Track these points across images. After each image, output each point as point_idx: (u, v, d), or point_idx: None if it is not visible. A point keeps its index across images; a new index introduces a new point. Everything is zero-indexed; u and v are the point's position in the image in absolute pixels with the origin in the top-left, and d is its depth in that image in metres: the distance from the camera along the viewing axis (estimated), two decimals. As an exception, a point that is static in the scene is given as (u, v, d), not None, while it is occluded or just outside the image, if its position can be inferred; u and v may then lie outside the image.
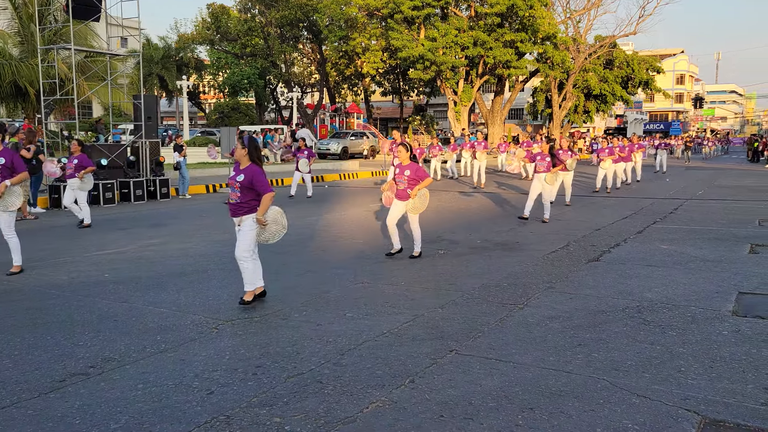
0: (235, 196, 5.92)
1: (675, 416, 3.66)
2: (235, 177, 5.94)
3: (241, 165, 5.99)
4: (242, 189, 5.85)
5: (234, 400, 3.89)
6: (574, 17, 41.07)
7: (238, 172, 5.96)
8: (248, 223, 5.90)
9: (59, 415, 3.71)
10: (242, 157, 5.97)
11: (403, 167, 8.18)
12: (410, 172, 8.05)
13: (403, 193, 8.12)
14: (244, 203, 5.88)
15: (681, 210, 13.23)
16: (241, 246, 5.94)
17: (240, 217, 5.93)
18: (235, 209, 5.95)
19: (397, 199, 8.20)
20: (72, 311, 5.85)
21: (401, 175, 8.14)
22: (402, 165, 8.22)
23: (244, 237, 5.92)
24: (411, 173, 8.04)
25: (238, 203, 5.91)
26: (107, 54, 17.78)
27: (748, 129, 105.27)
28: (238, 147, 5.98)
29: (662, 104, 72.81)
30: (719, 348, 4.79)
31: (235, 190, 5.91)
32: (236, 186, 5.89)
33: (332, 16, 38.47)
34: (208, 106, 51.72)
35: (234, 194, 5.92)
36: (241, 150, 5.97)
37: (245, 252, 5.94)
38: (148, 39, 43.12)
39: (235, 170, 6.03)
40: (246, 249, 5.93)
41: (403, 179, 8.12)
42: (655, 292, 6.44)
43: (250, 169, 5.89)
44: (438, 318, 5.58)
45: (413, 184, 8.02)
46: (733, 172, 26.60)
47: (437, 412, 3.72)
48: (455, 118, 36.64)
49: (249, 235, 5.92)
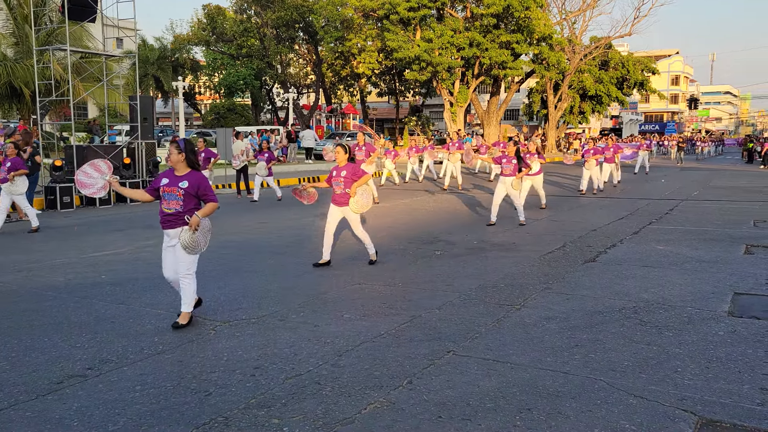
0: (175, 205, 5.33)
1: (672, 416, 3.68)
2: (176, 183, 5.36)
3: (177, 171, 5.44)
4: (186, 197, 5.32)
5: (232, 402, 3.89)
6: (569, 18, 41.16)
7: (178, 179, 5.39)
8: None
9: (57, 417, 3.71)
10: (179, 163, 5.41)
11: (339, 168, 7.70)
12: (347, 173, 7.60)
13: (341, 198, 7.62)
14: (184, 213, 5.32)
15: (676, 211, 13.27)
16: (182, 264, 5.36)
17: (178, 229, 5.32)
18: (174, 220, 5.34)
19: (334, 204, 7.72)
20: (69, 313, 5.84)
21: (338, 177, 7.63)
22: (339, 167, 7.73)
23: (184, 254, 5.34)
24: (348, 173, 7.60)
25: (178, 213, 5.33)
26: (103, 55, 17.75)
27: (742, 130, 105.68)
28: (173, 152, 5.41)
29: (657, 105, 73.05)
30: (715, 348, 4.81)
31: (176, 197, 5.32)
32: (179, 193, 5.31)
33: (328, 17, 38.49)
34: (204, 107, 51.68)
35: (174, 202, 5.32)
36: (177, 155, 5.39)
37: (188, 270, 5.39)
38: (143, 40, 43.08)
39: (170, 177, 5.44)
40: (188, 267, 5.39)
41: (339, 181, 7.61)
42: (651, 292, 6.46)
43: (193, 175, 5.41)
44: (435, 319, 5.59)
45: (350, 185, 7.60)
46: (728, 173, 26.70)
47: (435, 413, 3.73)
48: (451, 119, 36.67)
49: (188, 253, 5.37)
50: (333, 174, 7.72)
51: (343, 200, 7.61)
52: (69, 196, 13.91)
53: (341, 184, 7.58)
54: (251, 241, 9.80)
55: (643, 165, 25.43)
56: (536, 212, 12.91)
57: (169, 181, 5.41)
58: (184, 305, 5.43)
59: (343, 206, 7.65)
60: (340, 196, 7.61)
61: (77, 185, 5.91)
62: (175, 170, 5.45)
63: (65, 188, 13.87)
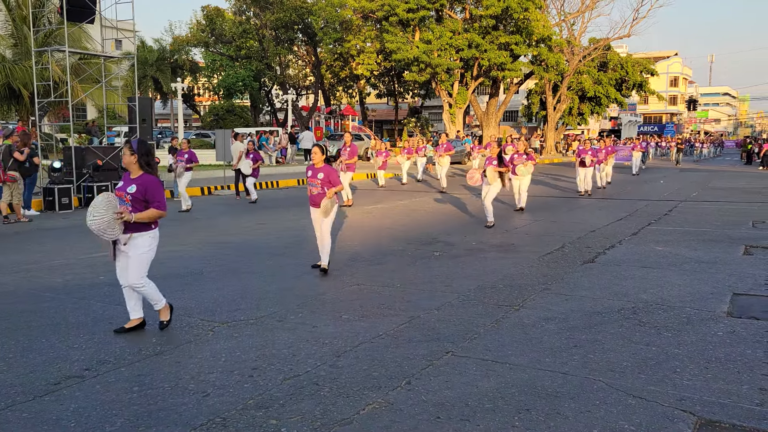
0: None
1: (671, 417, 3.67)
2: (124, 188, 5.08)
3: (131, 174, 5.14)
4: (134, 202, 5.00)
5: (230, 403, 3.88)
6: (568, 20, 41.22)
7: (128, 182, 5.12)
8: (139, 243, 5.06)
9: (54, 418, 3.69)
10: (131, 165, 5.11)
11: (316, 170, 7.49)
12: (324, 175, 7.39)
13: (317, 199, 7.46)
14: None
15: (675, 212, 13.27)
16: (132, 273, 5.07)
17: (127, 236, 5.01)
18: (125, 225, 5.01)
19: (312, 206, 7.59)
20: (67, 314, 5.83)
21: (314, 178, 7.46)
22: (315, 167, 7.53)
23: (136, 262, 5.06)
24: (325, 176, 7.39)
25: None
26: (101, 56, 17.74)
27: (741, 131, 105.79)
28: (126, 153, 5.11)
29: (656, 106, 73.13)
30: (714, 349, 4.80)
31: (124, 203, 5.02)
32: (126, 198, 5.02)
33: (327, 18, 38.51)
34: (203, 109, 51.65)
35: (122, 207, 4.99)
36: (129, 156, 5.08)
37: (139, 279, 5.11)
38: (142, 41, 43.05)
39: (125, 180, 5.18)
40: (139, 275, 5.10)
41: (316, 182, 7.43)
42: (650, 293, 6.45)
43: (143, 179, 5.09)
44: (434, 320, 5.58)
45: (327, 187, 7.40)
46: (727, 174, 26.72)
47: (434, 414, 3.72)
48: (450, 120, 36.69)
49: (141, 259, 5.09)
50: (308, 174, 7.59)
51: (319, 201, 7.43)
52: (67, 198, 13.89)
53: (318, 186, 7.42)
54: (250, 242, 9.79)
55: (638, 166, 25.57)
56: (535, 213, 12.90)
57: (122, 184, 5.16)
58: (155, 304, 5.29)
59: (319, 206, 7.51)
60: (317, 197, 7.44)
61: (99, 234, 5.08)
62: (130, 173, 5.19)
63: (63, 189, 13.85)
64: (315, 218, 7.62)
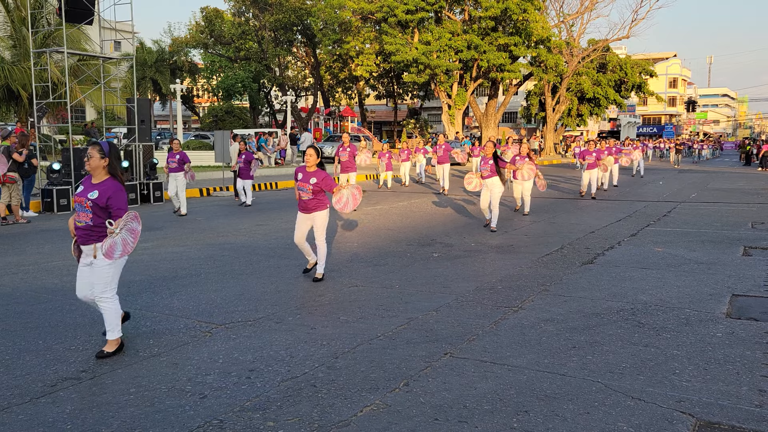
0: (84, 218, 4.62)
1: (670, 418, 3.65)
2: (85, 193, 4.64)
3: (94, 178, 4.71)
4: (95, 209, 4.59)
5: (227, 405, 3.86)
6: (567, 21, 41.27)
7: (90, 187, 4.67)
8: None
9: (50, 420, 3.67)
10: (98, 169, 4.68)
11: (308, 174, 7.00)
12: (317, 180, 6.93)
13: (308, 204, 7.01)
14: (97, 227, 4.62)
15: (674, 213, 13.27)
16: (99, 284, 4.64)
17: (92, 245, 4.62)
18: (86, 235, 4.63)
19: (302, 212, 7.11)
20: (64, 315, 5.81)
21: (305, 183, 6.96)
22: (307, 171, 7.04)
23: (102, 273, 4.64)
24: (318, 181, 6.93)
25: (90, 227, 4.62)
26: (100, 57, 17.71)
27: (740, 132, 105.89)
28: (94, 155, 4.65)
29: (655, 108, 73.14)
30: (713, 350, 4.79)
31: (85, 209, 4.61)
32: (87, 205, 4.59)
33: (326, 19, 38.52)
34: (202, 110, 51.66)
35: (83, 215, 4.61)
36: (98, 159, 4.66)
37: (105, 291, 4.67)
38: (141, 42, 43.09)
39: (86, 185, 4.73)
40: (106, 287, 4.68)
41: (307, 187, 6.95)
42: (649, 294, 6.44)
43: (108, 185, 4.65)
44: (432, 321, 5.57)
45: (319, 194, 6.99)
46: (726, 175, 26.72)
47: (432, 416, 3.71)
48: (449, 121, 36.70)
49: (108, 270, 4.66)
50: (299, 178, 7.08)
51: (311, 206, 7.02)
52: (66, 199, 13.86)
53: (308, 192, 6.95)
54: (248, 243, 9.77)
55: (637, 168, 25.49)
56: (534, 215, 12.89)
57: (83, 189, 4.71)
58: (109, 332, 4.72)
59: (312, 212, 7.06)
60: (308, 203, 7.01)
61: None
62: (92, 177, 4.73)
63: (62, 191, 13.83)
64: (302, 225, 7.13)
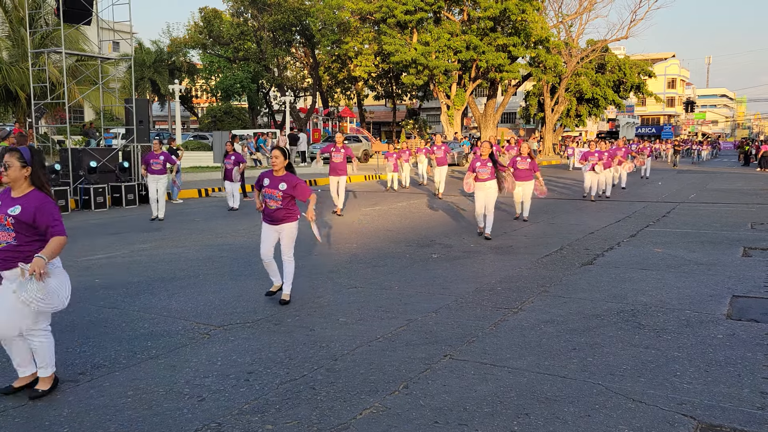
0: (6, 237, 3.88)
1: (671, 421, 3.63)
2: (5, 209, 3.90)
3: (14, 191, 3.97)
4: (18, 227, 3.87)
5: (225, 407, 3.84)
6: (566, 21, 41.30)
7: (9, 202, 3.94)
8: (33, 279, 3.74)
9: (47, 423, 3.65)
10: (20, 180, 3.95)
11: (276, 179, 6.10)
12: (287, 186, 6.03)
13: (276, 214, 6.10)
14: (22, 247, 3.88)
15: (673, 213, 13.25)
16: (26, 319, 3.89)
17: (16, 270, 3.83)
18: (8, 258, 3.88)
19: (267, 223, 6.19)
20: (61, 317, 5.75)
21: (273, 189, 6.04)
22: (275, 176, 6.12)
23: None
24: (288, 187, 6.03)
25: (13, 247, 3.88)
26: (99, 58, 17.69)
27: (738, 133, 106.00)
28: (14, 164, 3.92)
29: (654, 108, 73.21)
30: (714, 352, 4.77)
31: (5, 228, 3.87)
32: (8, 223, 3.86)
33: (325, 20, 38.49)
34: (201, 110, 51.61)
35: (4, 234, 3.88)
36: (19, 169, 3.93)
37: (37, 326, 3.96)
38: (140, 43, 43.03)
39: (3, 199, 3.98)
40: (37, 322, 3.96)
41: (275, 194, 6.03)
42: (649, 295, 6.42)
43: (33, 198, 3.94)
44: (432, 323, 5.54)
45: (289, 202, 6.09)
46: (725, 176, 26.71)
47: (431, 419, 3.68)
48: (448, 122, 36.70)
49: None
50: (265, 183, 6.14)
51: (279, 217, 6.10)
52: (64, 200, 13.82)
53: (278, 199, 6.03)
54: (247, 244, 9.73)
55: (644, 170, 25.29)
56: (533, 216, 12.87)
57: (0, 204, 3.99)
58: (41, 369, 4.07)
59: (280, 224, 6.13)
60: (276, 213, 6.09)
61: None
62: (11, 189, 4.00)
63: (60, 191, 13.79)
64: (268, 238, 6.20)
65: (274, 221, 6.14)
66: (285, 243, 6.20)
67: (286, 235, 6.18)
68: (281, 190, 6.03)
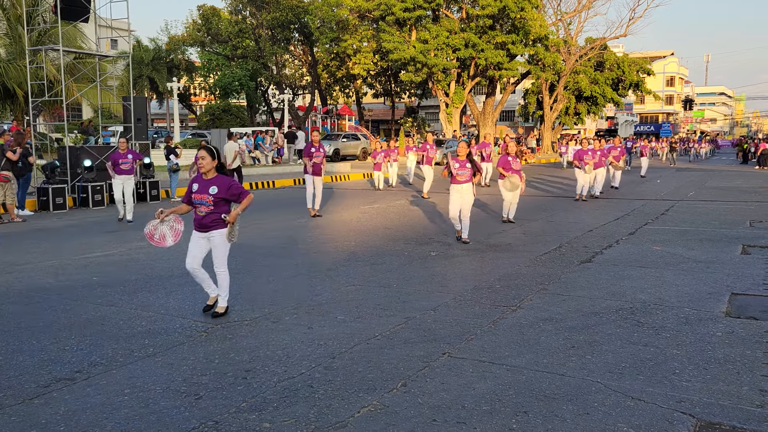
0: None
1: (670, 419, 3.62)
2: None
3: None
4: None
5: (223, 406, 3.82)
6: (564, 19, 41.26)
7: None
8: None
9: (43, 421, 3.63)
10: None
11: (206, 182, 5.50)
12: (218, 190, 5.43)
13: (206, 221, 5.50)
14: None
15: (672, 211, 13.24)
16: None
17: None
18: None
19: (197, 230, 5.58)
20: (59, 315, 5.76)
21: (203, 194, 5.46)
22: (205, 179, 5.52)
23: None
24: (220, 191, 5.44)
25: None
26: (96, 55, 17.64)
27: (737, 131, 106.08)
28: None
29: (652, 106, 73.24)
30: (713, 349, 4.76)
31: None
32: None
33: (323, 17, 38.44)
34: (199, 108, 51.53)
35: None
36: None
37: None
38: (138, 40, 42.91)
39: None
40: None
41: (205, 199, 5.44)
42: (647, 293, 6.41)
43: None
44: (430, 321, 5.53)
45: (222, 207, 5.51)
46: (723, 173, 26.72)
47: (430, 417, 3.67)
48: (447, 120, 36.67)
49: None
50: (194, 189, 5.53)
51: (209, 223, 5.51)
52: (62, 197, 13.80)
53: (209, 204, 5.44)
54: (245, 242, 9.69)
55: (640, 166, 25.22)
56: (532, 213, 12.86)
57: None
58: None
59: (210, 230, 5.54)
60: (205, 219, 5.51)
61: None
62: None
63: (58, 189, 13.76)
64: (197, 248, 5.61)
65: (204, 228, 5.53)
66: (217, 253, 5.58)
67: (219, 243, 5.55)
68: (212, 194, 5.45)
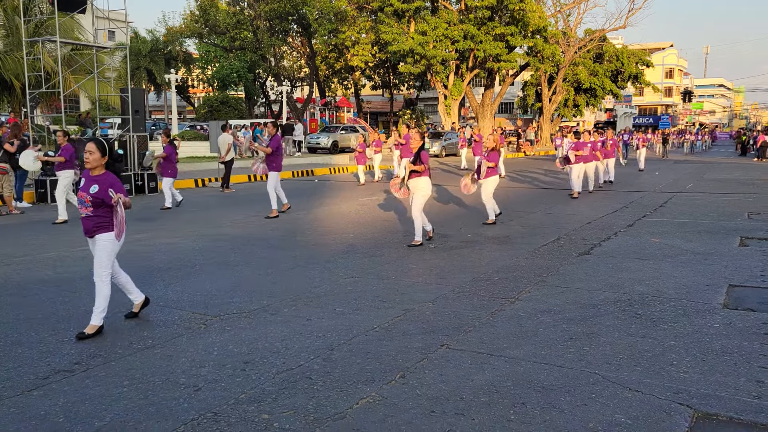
0: None
1: (668, 410, 3.63)
2: None
3: None
4: None
5: (222, 397, 3.83)
6: (564, 11, 41.17)
7: None
8: None
9: (42, 413, 3.63)
10: None
11: (90, 179, 5.01)
12: (99, 188, 4.95)
13: (87, 224, 5.06)
14: None
15: (670, 203, 13.25)
16: None
17: None
18: None
19: (86, 234, 5.15)
20: (57, 307, 5.76)
21: (84, 192, 4.98)
22: (91, 176, 5.03)
23: None
24: (101, 189, 4.93)
25: None
26: (94, 47, 17.57)
27: (736, 123, 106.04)
28: None
29: (651, 98, 73.15)
30: (711, 341, 4.77)
31: None
32: None
33: (322, 9, 38.31)
34: (197, 100, 51.39)
35: None
36: None
37: None
38: (135, 32, 42.78)
39: None
40: None
41: (84, 199, 4.97)
42: (646, 285, 6.42)
43: None
44: (428, 312, 5.53)
45: (103, 209, 4.99)
46: (722, 166, 26.73)
47: (428, 408, 3.68)
48: (446, 112, 36.63)
49: None
50: (81, 185, 5.10)
51: (90, 227, 5.06)
52: (60, 190, 13.75)
53: (88, 205, 4.95)
54: (243, 234, 9.71)
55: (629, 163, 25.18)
56: (530, 206, 12.87)
57: None
58: None
59: (91, 235, 5.09)
60: (87, 222, 5.05)
61: None
62: None
63: (55, 182, 13.72)
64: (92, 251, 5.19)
65: (87, 232, 5.08)
66: (97, 258, 5.06)
67: (100, 248, 5.03)
68: (91, 193, 4.90)
